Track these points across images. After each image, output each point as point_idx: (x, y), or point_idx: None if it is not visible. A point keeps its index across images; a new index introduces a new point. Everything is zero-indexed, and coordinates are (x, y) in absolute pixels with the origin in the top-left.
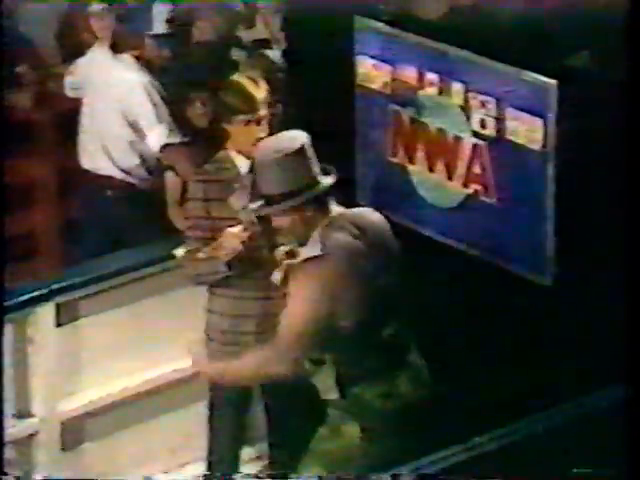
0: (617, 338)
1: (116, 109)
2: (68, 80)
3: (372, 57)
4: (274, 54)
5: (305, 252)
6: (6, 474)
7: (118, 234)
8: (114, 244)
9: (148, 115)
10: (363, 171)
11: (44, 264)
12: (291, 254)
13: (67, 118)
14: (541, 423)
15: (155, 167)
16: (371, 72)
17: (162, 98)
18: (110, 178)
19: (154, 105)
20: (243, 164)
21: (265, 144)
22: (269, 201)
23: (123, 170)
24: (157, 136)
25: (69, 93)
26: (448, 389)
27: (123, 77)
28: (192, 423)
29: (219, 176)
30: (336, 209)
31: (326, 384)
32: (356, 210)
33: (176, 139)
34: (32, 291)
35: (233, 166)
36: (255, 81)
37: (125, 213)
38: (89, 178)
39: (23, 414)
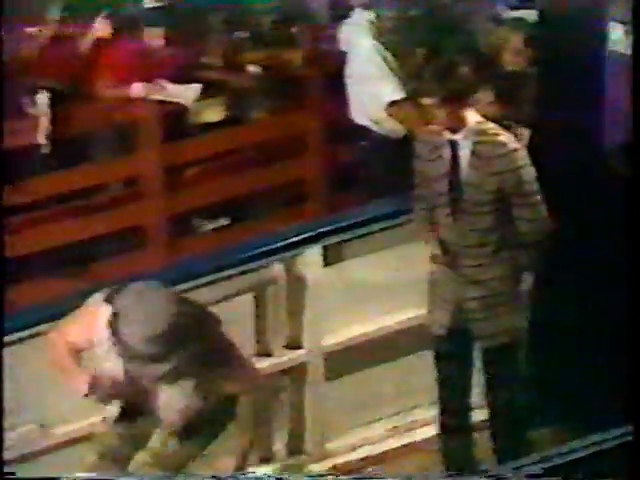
0: None
1: (360, 67)
2: (340, 38)
3: (623, 23)
4: (531, 14)
5: None
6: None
7: (378, 182)
8: (378, 191)
9: (377, 73)
10: (611, 135)
11: (313, 208)
12: None
13: (335, 74)
14: None
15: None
16: (622, 37)
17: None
18: (367, 129)
19: (381, 64)
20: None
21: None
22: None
23: (376, 122)
24: (386, 92)
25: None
26: None
27: (361, 40)
28: None
29: (434, 139)
30: None
31: None
32: None
33: (402, 95)
34: (302, 233)
35: (441, 135)
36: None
37: (381, 162)
38: (354, 129)
39: (293, 346)
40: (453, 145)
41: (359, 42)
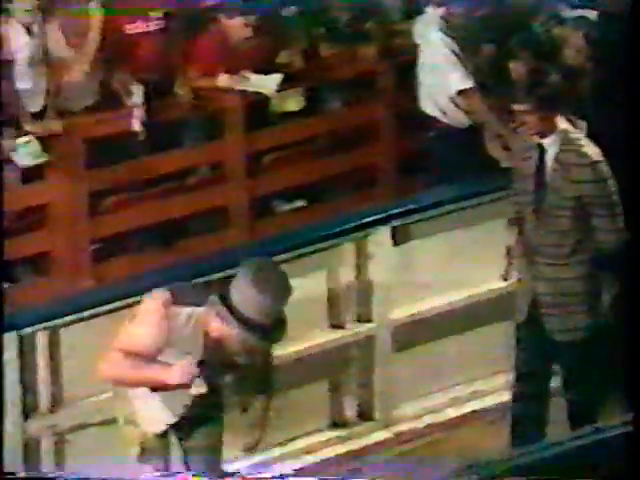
0: None
1: (430, 59)
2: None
3: None
4: (592, 13)
5: None
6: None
7: (444, 168)
8: (442, 177)
9: (446, 65)
10: None
11: (383, 192)
12: None
13: (406, 68)
14: None
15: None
16: None
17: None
18: (434, 119)
19: (450, 57)
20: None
21: None
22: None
23: (443, 112)
24: (454, 82)
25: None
26: None
27: (432, 34)
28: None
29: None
30: None
31: None
32: None
33: (470, 84)
34: (371, 215)
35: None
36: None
37: (447, 150)
38: (422, 118)
39: (363, 319)
40: (541, 149)
41: (430, 36)
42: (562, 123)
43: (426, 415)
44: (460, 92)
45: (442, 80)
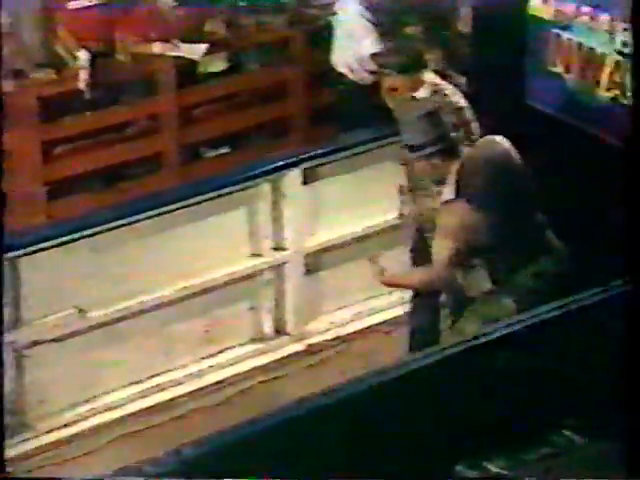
0: None
1: (346, 27)
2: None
3: None
4: None
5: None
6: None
7: (348, 119)
8: (346, 126)
9: (361, 32)
10: (531, 78)
11: (295, 140)
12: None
13: (316, 34)
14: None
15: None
16: (539, 6)
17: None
18: (342, 76)
19: (365, 25)
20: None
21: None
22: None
23: (351, 70)
24: (367, 46)
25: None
26: None
27: (351, 5)
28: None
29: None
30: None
31: (478, 279)
32: (481, 143)
33: (380, 48)
34: (285, 159)
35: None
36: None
37: (350, 104)
38: (330, 77)
39: (278, 248)
40: (414, 100)
41: (349, 6)
42: (428, 76)
43: (333, 329)
44: (372, 55)
45: (355, 44)
